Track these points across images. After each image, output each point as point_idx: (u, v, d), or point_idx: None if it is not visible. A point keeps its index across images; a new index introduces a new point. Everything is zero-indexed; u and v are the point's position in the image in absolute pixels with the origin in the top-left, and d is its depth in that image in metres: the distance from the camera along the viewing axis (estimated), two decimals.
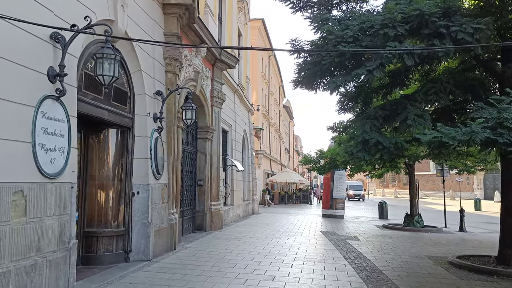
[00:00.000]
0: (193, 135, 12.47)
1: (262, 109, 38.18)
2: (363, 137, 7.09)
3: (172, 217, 8.96)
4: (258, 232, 13.17)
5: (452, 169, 15.27)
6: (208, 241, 10.61)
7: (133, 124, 7.83)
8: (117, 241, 7.41)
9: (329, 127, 10.56)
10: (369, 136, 7.07)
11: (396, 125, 8.24)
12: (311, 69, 7.83)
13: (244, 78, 21.91)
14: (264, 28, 37.95)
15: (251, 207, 21.29)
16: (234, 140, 17.72)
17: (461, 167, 14.78)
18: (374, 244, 11.40)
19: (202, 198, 12.57)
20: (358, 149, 7.26)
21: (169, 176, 9.07)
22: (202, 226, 12.47)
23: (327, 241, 11.59)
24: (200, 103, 12.25)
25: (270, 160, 42.99)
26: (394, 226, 16.26)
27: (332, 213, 21.23)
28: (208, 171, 12.79)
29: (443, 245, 11.66)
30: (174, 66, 9.21)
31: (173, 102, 9.20)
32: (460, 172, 15.51)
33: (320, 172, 18.14)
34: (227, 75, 16.32)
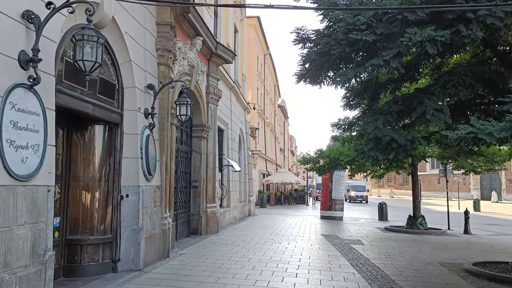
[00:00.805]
0: (187, 133, 11.76)
1: (257, 108, 37.51)
2: (375, 134, 6.42)
3: (165, 222, 8.25)
4: (257, 235, 12.49)
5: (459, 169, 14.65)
6: (204, 247, 9.91)
7: (122, 120, 7.11)
8: (104, 250, 6.68)
9: (333, 124, 9.92)
10: (382, 133, 6.41)
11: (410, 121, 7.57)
12: (318, 60, 7.16)
13: (240, 76, 21.22)
14: (260, 26, 37.29)
15: (247, 209, 20.60)
16: (231, 139, 17.02)
17: (468, 167, 14.17)
18: (380, 248, 10.75)
19: (197, 200, 11.86)
20: (370, 147, 6.59)
21: (162, 177, 8.37)
22: (197, 230, 11.75)
23: (330, 246, 10.92)
24: (195, 99, 11.53)
25: (265, 160, 42.31)
26: (396, 229, 15.63)
27: (331, 214, 20.58)
28: (204, 172, 12.08)
29: (452, 250, 11.03)
30: (167, 58, 8.50)
31: (166, 97, 8.49)
32: (466, 173, 14.93)
33: (319, 173, 17.46)
34: (223, 72, 15.62)
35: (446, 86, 6.73)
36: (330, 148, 16.28)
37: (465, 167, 14.05)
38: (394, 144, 6.40)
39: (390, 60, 5.83)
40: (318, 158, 16.97)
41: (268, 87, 47.65)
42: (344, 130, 10.01)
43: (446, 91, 6.72)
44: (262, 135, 41.33)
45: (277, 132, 57.35)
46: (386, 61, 5.88)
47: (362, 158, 7.07)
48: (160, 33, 8.46)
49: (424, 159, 13.12)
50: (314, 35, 7.36)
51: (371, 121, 6.66)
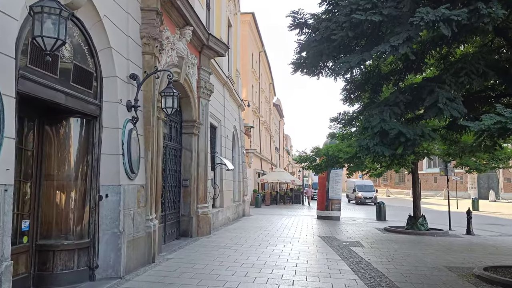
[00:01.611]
0: (177, 129, 11.09)
1: (252, 106, 36.87)
2: (381, 127, 5.80)
3: (150, 224, 7.59)
4: (251, 237, 11.85)
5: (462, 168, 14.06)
6: (194, 250, 9.25)
7: (101, 113, 6.44)
8: (80, 256, 6.01)
9: (333, 118, 9.31)
10: (389, 126, 5.79)
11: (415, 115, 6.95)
12: (317, 47, 6.52)
13: (234, 71, 20.56)
14: (255, 22, 36.64)
15: (241, 209, 19.95)
16: (224, 137, 16.37)
17: (472, 165, 13.57)
18: (382, 251, 10.15)
19: (187, 200, 11.20)
20: (375, 142, 5.97)
21: (147, 176, 7.71)
22: (187, 232, 11.09)
23: (329, 249, 10.30)
24: (185, 93, 10.88)
25: (261, 159, 41.66)
26: (396, 230, 15.03)
27: (328, 214, 19.99)
28: (195, 170, 11.42)
29: (457, 252, 10.44)
30: (152, 47, 7.84)
31: (151, 89, 7.83)
32: (469, 171, 14.35)
33: (316, 171, 16.84)
34: (216, 66, 14.97)
35: (459, 74, 6.11)
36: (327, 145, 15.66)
37: (469, 165, 13.46)
38: (402, 138, 5.78)
39: (398, 46, 5.21)
40: (315, 157, 16.32)
41: (263, 85, 47.01)
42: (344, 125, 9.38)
43: (459, 79, 6.10)
44: (257, 133, 40.69)
45: (272, 131, 56.73)
46: (394, 47, 5.26)
47: (366, 154, 6.45)
48: (145, 20, 7.80)
49: (428, 157, 12.52)
50: (313, 19, 6.73)
51: (377, 113, 6.04)
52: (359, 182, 41.03)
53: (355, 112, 8.55)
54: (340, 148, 12.54)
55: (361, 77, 8.47)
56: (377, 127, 5.82)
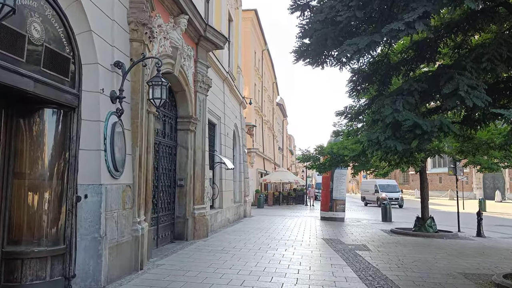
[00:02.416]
0: (172, 125, 10.43)
1: (255, 105, 36.21)
2: (394, 118, 5.12)
3: (138, 227, 6.92)
4: (251, 240, 11.17)
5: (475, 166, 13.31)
6: (188, 255, 8.59)
7: (80, 103, 5.79)
8: (54, 264, 5.35)
9: (339, 112, 8.62)
10: (403, 116, 5.11)
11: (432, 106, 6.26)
12: (320, 31, 5.85)
13: (235, 68, 19.92)
14: (257, 20, 35.97)
15: (242, 210, 19.29)
16: (223, 135, 15.71)
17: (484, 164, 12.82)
18: (390, 256, 9.45)
19: (183, 201, 10.53)
20: (387, 135, 5.29)
21: (135, 174, 7.05)
22: (183, 235, 10.43)
23: (333, 253, 9.62)
24: (180, 87, 10.24)
25: (263, 159, 41.01)
26: (403, 231, 14.33)
27: (332, 215, 19.29)
28: (191, 169, 10.75)
29: (470, 256, 9.74)
30: (141, 33, 7.17)
31: (140, 79, 7.17)
32: (481, 170, 13.62)
33: (319, 171, 16.14)
34: (215, 61, 14.33)
35: (481, 60, 5.43)
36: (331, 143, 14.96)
37: (482, 164, 12.73)
38: (418, 130, 5.10)
39: (413, 22, 4.53)
40: (318, 155, 15.62)
41: (266, 84, 46.35)
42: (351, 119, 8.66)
43: (481, 65, 5.42)
44: (260, 133, 40.04)
45: (275, 131, 56.05)
46: (409, 25, 4.59)
47: (376, 149, 5.75)
48: (133, 3, 7.14)
49: (439, 154, 11.79)
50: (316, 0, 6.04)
51: (388, 103, 5.36)
52: (381, 182, 35.25)
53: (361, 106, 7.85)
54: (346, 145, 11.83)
55: (369, 67, 7.78)
56: (389, 118, 5.14)
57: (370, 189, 37.66)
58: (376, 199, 35.15)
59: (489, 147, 9.94)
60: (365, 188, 40.10)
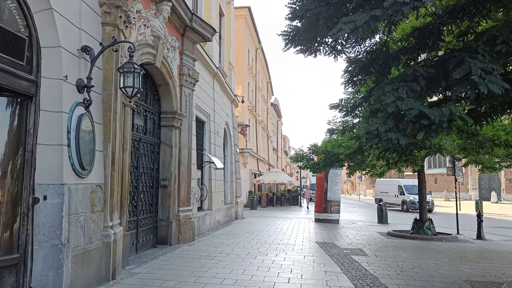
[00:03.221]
0: (154, 121, 9.73)
1: (248, 104, 35.56)
2: (397, 107, 4.47)
3: (110, 232, 6.21)
4: (240, 244, 10.49)
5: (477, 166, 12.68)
6: (169, 262, 7.88)
7: (38, 91, 5.08)
8: (5, 276, 4.63)
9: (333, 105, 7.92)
10: (406, 105, 4.46)
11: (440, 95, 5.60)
12: (312, 11, 5.17)
13: (227, 65, 19.23)
14: (251, 17, 35.32)
15: (234, 211, 18.59)
16: (213, 133, 15.00)
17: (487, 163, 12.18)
18: (388, 261, 8.80)
19: (166, 202, 9.82)
20: (388, 127, 4.64)
21: (107, 173, 6.34)
22: (166, 239, 9.71)
23: (327, 258, 8.95)
24: (163, 79, 9.54)
25: (257, 159, 40.33)
26: (400, 234, 13.69)
27: (326, 217, 18.64)
28: (175, 168, 10.05)
29: (473, 262, 9.11)
30: (115, 17, 6.47)
31: (113, 68, 6.46)
32: (483, 170, 13.01)
33: (313, 171, 15.46)
34: (205, 55, 13.64)
35: (495, 42, 4.78)
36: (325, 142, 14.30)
37: (484, 163, 12.08)
38: (424, 120, 4.45)
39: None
40: (312, 155, 14.95)
41: (260, 84, 45.70)
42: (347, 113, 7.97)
43: (495, 48, 4.78)
44: (254, 133, 39.36)
45: (269, 131, 55.39)
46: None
47: (376, 143, 5.08)
48: None
49: (440, 152, 11.16)
50: None
51: (390, 90, 4.70)
52: (406, 182, 30.93)
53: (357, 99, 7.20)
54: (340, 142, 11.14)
55: (366, 57, 7.13)
56: (391, 107, 4.49)
57: (390, 191, 32.01)
58: (401, 202, 29.99)
59: (494, 144, 9.32)
60: (382, 189, 34.01)
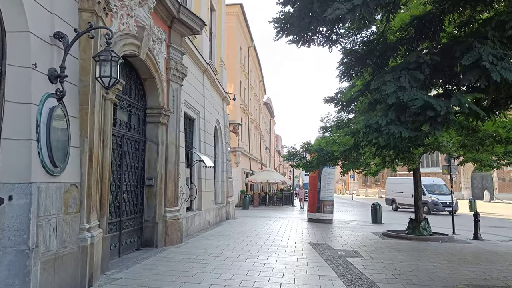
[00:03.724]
0: (140, 117, 9.24)
1: (241, 103, 35.12)
2: (398, 98, 4.05)
3: (86, 235, 5.73)
4: (230, 246, 10.04)
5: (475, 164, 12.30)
6: (153, 266, 7.41)
7: (2, 81, 4.60)
8: None
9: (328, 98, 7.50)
10: (409, 95, 4.04)
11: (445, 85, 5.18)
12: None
13: (218, 61, 18.76)
14: (243, 15, 34.89)
15: (225, 211, 18.14)
16: (203, 131, 14.53)
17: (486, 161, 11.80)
18: (384, 263, 8.40)
19: (152, 202, 9.34)
20: (389, 119, 4.22)
21: (84, 171, 5.86)
22: (152, 241, 9.24)
23: (321, 260, 8.53)
24: (148, 73, 9.06)
25: (249, 158, 39.89)
26: (396, 234, 13.32)
27: (319, 217, 18.25)
28: (162, 167, 9.58)
29: (473, 263, 8.75)
30: (93, 3, 5.99)
31: (91, 57, 5.98)
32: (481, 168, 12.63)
33: (306, 169, 15.05)
34: (194, 50, 13.18)
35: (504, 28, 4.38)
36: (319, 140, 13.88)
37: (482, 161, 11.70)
38: (430, 112, 4.03)
39: None
40: (305, 153, 14.53)
41: (253, 82, 45.26)
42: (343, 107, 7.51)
43: (505, 33, 4.38)
44: (246, 131, 38.92)
45: (262, 130, 54.97)
46: None
47: (376, 137, 4.65)
48: None
49: (439, 150, 10.76)
50: None
51: (391, 79, 4.29)
52: (426, 181, 26.77)
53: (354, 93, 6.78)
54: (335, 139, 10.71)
55: (363, 48, 6.71)
56: (391, 97, 4.08)
57: (406, 190, 27.58)
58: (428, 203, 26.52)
59: (495, 141, 8.95)
60: (396, 188, 30.11)
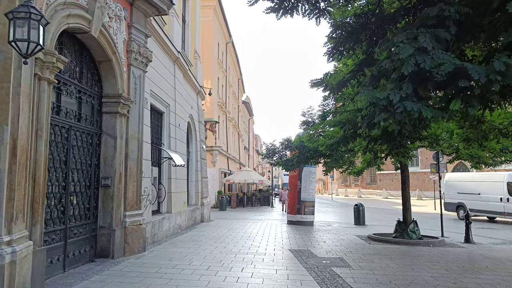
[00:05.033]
0: (93, 106, 7.91)
1: (218, 100, 33.84)
2: (417, 64, 2.91)
3: (4, 251, 4.43)
4: (200, 254, 8.81)
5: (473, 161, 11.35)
6: (102, 283, 6.11)
7: None
8: None
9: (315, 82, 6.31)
10: (433, 61, 2.90)
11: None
12: None
13: (192, 52, 17.47)
14: (221, 9, 33.60)
15: (199, 214, 16.86)
16: (174, 126, 13.23)
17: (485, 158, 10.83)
18: (376, 274, 7.32)
19: (109, 206, 8.02)
20: (405, 93, 3.06)
21: (2, 167, 4.55)
22: (108, 251, 7.93)
23: (304, 272, 7.38)
24: (104, 55, 7.76)
25: (227, 158, 38.59)
26: (383, 238, 12.29)
27: (300, 219, 17.16)
28: (121, 164, 8.27)
29: (475, 272, 7.75)
30: None
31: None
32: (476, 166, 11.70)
33: (286, 168, 13.89)
34: (164, 37, 11.88)
35: None
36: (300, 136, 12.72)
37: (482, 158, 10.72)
38: (463, 81, 2.91)
39: None
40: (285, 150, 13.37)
41: (231, 79, 43.99)
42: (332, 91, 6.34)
43: None
44: (224, 130, 37.63)
45: (241, 129, 53.73)
46: None
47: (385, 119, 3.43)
48: None
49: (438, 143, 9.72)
50: None
51: (405, 40, 3.14)
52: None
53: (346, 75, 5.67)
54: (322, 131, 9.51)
55: (355, 20, 5.57)
56: (409, 65, 2.93)
57: (485, 191, 20.52)
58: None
59: (500, 134, 7.98)
60: (466, 188, 22.06)
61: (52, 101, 6.35)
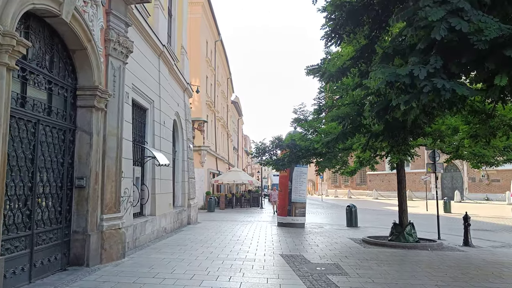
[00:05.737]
0: (66, 99, 7.17)
1: (207, 99, 33.14)
2: (450, 29, 2.28)
3: None
4: (184, 261, 8.12)
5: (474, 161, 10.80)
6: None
7: None
8: None
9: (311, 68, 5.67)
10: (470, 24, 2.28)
11: None
12: None
13: (179, 48, 16.77)
14: (209, 6, 32.90)
15: (186, 215, 16.15)
16: (159, 123, 12.51)
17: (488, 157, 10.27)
18: (376, 283, 6.71)
19: (83, 208, 7.30)
20: (434, 67, 2.42)
21: None
22: (82, 258, 7.20)
23: (297, 281, 6.74)
24: (78, 43, 7.05)
25: (216, 158, 37.87)
26: (378, 242, 11.72)
27: (291, 221, 16.56)
28: (97, 163, 7.55)
29: (482, 280, 7.18)
30: None
31: None
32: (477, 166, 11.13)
33: (277, 168, 13.25)
34: (147, 29, 11.18)
35: None
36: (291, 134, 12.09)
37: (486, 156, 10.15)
38: (509, 50, 2.30)
39: None
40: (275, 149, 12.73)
41: (220, 78, 43.27)
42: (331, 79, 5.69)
43: None
44: (212, 129, 36.92)
45: (230, 129, 53.04)
46: None
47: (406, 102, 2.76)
48: None
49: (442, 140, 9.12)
50: None
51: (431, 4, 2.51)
52: None
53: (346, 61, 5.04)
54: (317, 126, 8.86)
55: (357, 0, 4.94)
56: (440, 29, 2.31)
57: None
58: None
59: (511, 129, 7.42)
60: None
61: (16, 91, 5.65)
